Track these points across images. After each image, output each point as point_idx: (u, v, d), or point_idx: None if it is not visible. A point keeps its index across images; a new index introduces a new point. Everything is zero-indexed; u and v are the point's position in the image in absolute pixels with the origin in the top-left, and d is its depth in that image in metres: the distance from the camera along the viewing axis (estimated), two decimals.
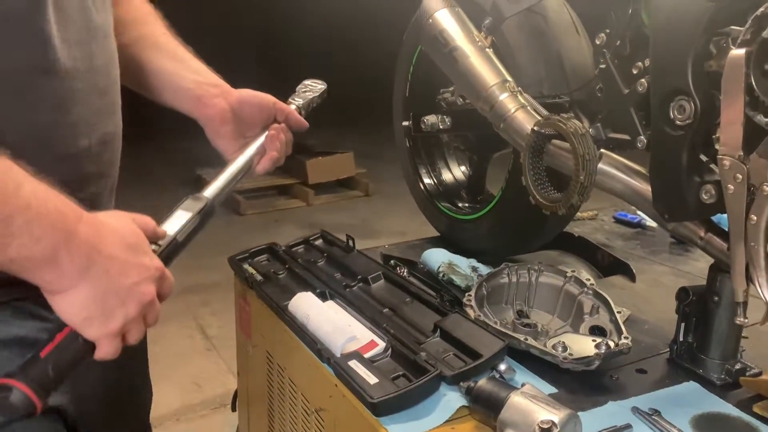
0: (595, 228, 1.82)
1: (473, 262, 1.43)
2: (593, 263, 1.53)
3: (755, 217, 0.75)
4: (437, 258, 1.45)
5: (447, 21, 1.20)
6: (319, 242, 1.59)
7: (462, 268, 1.40)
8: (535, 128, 0.99)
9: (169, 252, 0.79)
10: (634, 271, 1.44)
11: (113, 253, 0.69)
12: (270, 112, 1.06)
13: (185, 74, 1.02)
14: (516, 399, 0.85)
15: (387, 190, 5.26)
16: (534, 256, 1.50)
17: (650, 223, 1.82)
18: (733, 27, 0.82)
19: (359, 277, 1.33)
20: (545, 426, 0.79)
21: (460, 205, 1.59)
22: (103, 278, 0.67)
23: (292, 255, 1.49)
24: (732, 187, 0.77)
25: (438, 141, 1.65)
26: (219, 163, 1.00)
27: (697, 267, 1.53)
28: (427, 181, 1.65)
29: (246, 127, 1.05)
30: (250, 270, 1.42)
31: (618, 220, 1.87)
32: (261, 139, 1.04)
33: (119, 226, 0.72)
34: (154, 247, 0.76)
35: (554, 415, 0.80)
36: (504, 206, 1.39)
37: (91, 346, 0.70)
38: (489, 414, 0.87)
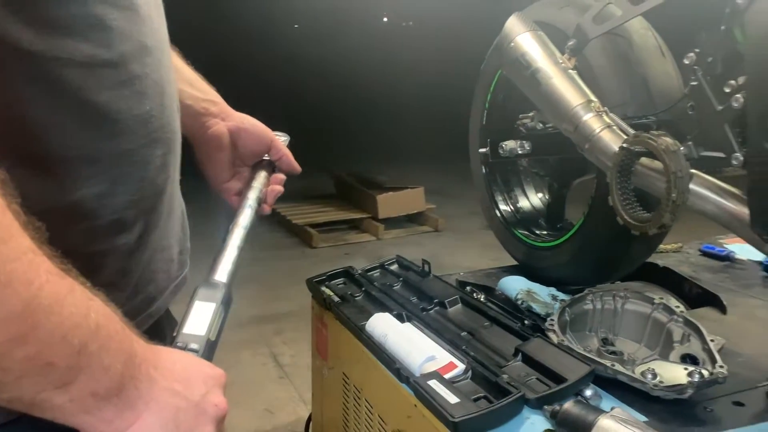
0: (680, 260, 1.75)
1: (553, 290, 1.40)
2: (680, 295, 1.46)
3: None
4: (515, 285, 1.43)
5: (529, 43, 1.20)
6: (394, 267, 1.59)
7: (541, 296, 1.37)
8: (625, 145, 0.97)
9: (208, 355, 0.66)
10: (724, 303, 1.37)
11: (172, 366, 0.58)
12: (265, 147, 0.96)
13: (181, 86, 0.85)
14: (605, 422, 0.81)
15: (457, 226, 5.22)
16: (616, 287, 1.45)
17: (739, 255, 1.74)
18: None
19: (436, 300, 1.33)
20: None
21: (538, 232, 1.56)
22: (169, 398, 0.55)
23: (369, 278, 1.51)
24: None
25: (515, 168, 1.64)
26: None
27: None
28: (503, 208, 1.64)
29: (238, 156, 0.95)
30: (328, 292, 1.44)
31: (704, 253, 1.78)
32: (255, 191, 0.91)
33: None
34: (192, 349, 0.65)
35: None
36: (586, 233, 1.36)
37: None
38: None
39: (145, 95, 0.64)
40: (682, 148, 0.94)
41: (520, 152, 1.41)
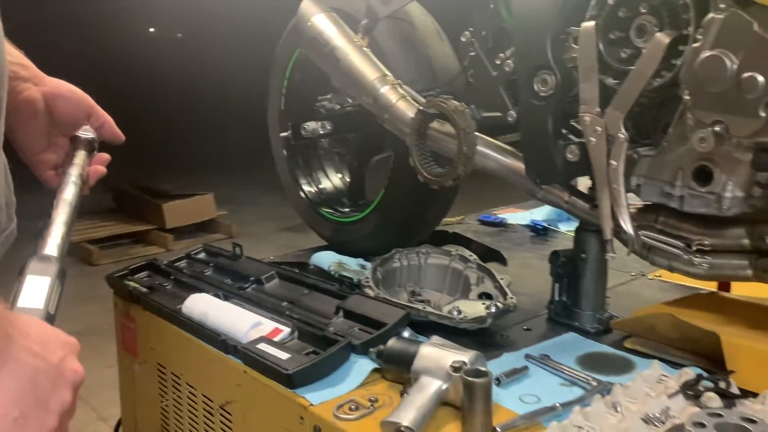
0: (464, 229, 1.95)
1: (361, 261, 1.49)
2: None
3: (615, 162, 0.88)
4: (327, 259, 1.49)
5: (325, 23, 1.28)
6: (202, 255, 1.56)
7: (351, 266, 1.45)
8: (421, 108, 1.08)
9: None
10: (505, 257, 1.57)
11: (28, 328, 0.55)
12: (85, 115, 0.90)
13: None
14: (426, 349, 0.90)
15: (251, 231, 5.19)
16: None
17: (511, 221, 2.00)
18: (573, 28, 0.97)
19: (252, 278, 1.33)
20: (457, 365, 0.85)
21: (342, 210, 1.65)
22: (28, 358, 0.53)
23: (176, 268, 1.46)
24: (593, 139, 0.90)
25: (316, 150, 1.71)
26: None
27: None
28: (307, 189, 1.69)
29: (55, 125, 0.87)
30: (133, 284, 1.37)
31: (483, 222, 2.02)
32: (77, 167, 0.86)
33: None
34: None
35: (463, 356, 0.87)
36: (387, 203, 1.46)
37: None
38: (401, 369, 0.92)
39: None
40: (467, 109, 1.07)
41: (322, 132, 1.48)
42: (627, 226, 0.89)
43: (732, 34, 0.75)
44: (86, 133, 0.91)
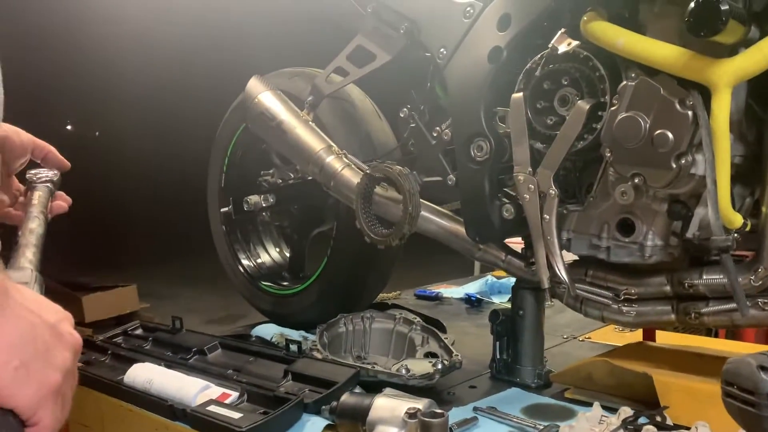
0: (401, 303, 1.99)
1: (302, 333, 1.50)
2: None
3: (547, 216, 0.97)
4: (269, 330, 1.50)
5: (271, 100, 1.35)
6: (139, 331, 1.53)
7: (294, 337, 1.46)
8: (368, 172, 1.15)
9: None
10: (444, 325, 1.61)
11: (22, 291, 0.55)
12: (28, 150, 0.88)
13: None
14: (380, 400, 0.92)
15: None
16: None
17: (447, 295, 2.06)
18: (500, 108, 1.08)
19: (194, 349, 1.31)
20: (412, 412, 0.87)
21: (282, 282, 1.66)
22: (25, 313, 0.52)
23: (113, 343, 1.42)
24: (527, 196, 0.99)
25: (255, 225, 1.73)
26: None
27: None
28: (246, 263, 1.70)
29: (4, 166, 0.86)
30: None
31: (419, 297, 2.07)
32: (39, 203, 0.84)
33: None
34: None
35: (417, 403, 0.89)
36: (330, 271, 1.50)
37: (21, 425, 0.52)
38: (356, 423, 0.93)
39: None
40: (411, 173, 1.15)
41: (264, 205, 1.52)
42: (562, 272, 0.97)
43: (643, 98, 0.87)
44: (41, 174, 0.89)
